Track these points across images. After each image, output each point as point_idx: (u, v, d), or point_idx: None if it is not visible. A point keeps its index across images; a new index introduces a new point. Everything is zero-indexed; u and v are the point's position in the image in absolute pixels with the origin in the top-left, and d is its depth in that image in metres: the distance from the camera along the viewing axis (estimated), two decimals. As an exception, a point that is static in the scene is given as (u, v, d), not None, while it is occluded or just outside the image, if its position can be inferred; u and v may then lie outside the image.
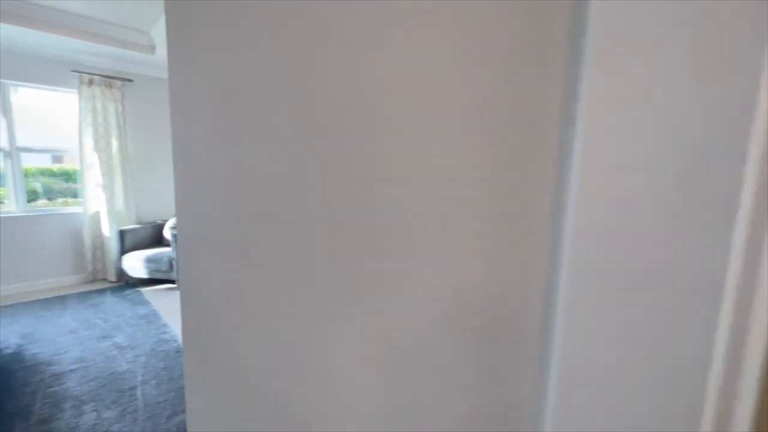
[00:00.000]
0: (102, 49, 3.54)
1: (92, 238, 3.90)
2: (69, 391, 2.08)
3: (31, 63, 3.52)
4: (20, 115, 3.68)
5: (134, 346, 2.60)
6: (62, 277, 3.87)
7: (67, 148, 4.09)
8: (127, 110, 4.05)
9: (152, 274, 3.76)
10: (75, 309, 3.23)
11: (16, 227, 3.60)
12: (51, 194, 5.07)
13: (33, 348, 2.56)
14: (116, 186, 3.94)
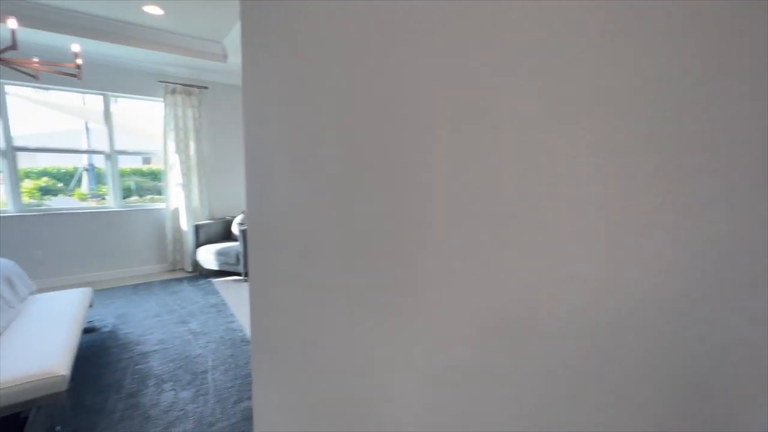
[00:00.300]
0: (182, 60, 3.90)
1: (173, 231, 4.33)
2: (152, 369, 2.32)
3: (126, 76, 4.00)
4: (117, 122, 4.20)
5: (206, 333, 2.83)
6: (148, 266, 4.35)
7: (154, 150, 4.58)
8: (203, 115, 4.43)
9: (222, 266, 4.07)
10: (158, 295, 3.61)
11: (114, 220, 4.12)
12: (141, 192, 5.75)
13: (125, 328, 2.90)
14: (193, 185, 4.33)
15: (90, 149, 5.46)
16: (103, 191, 6.42)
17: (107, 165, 4.11)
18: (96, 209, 4.08)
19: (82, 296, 2.54)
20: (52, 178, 6.43)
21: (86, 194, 6.50)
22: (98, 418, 1.88)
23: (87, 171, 6.70)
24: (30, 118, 3.94)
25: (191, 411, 1.94)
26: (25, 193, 3.91)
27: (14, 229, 3.64)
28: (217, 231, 4.41)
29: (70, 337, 1.96)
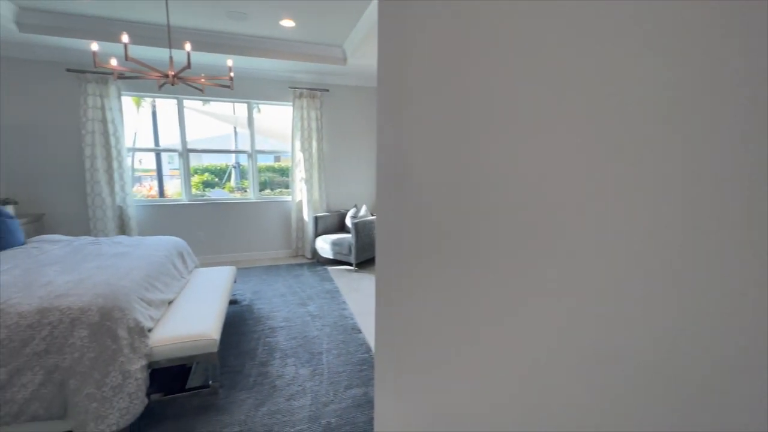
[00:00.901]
0: (308, 66, 4.29)
1: (297, 221, 4.84)
2: (279, 344, 2.60)
3: (264, 85, 4.59)
4: (257, 126, 4.87)
5: (322, 317, 3.06)
6: (276, 251, 4.97)
7: (283, 149, 5.19)
8: (324, 116, 4.81)
9: (336, 255, 4.38)
10: (284, 277, 4.08)
11: (252, 210, 4.81)
12: (272, 185, 6.63)
13: (258, 303, 3.34)
14: (314, 180, 4.76)
15: (237, 150, 6.50)
16: (245, 185, 7.61)
17: (249, 163, 4.80)
18: (240, 200, 4.81)
19: (230, 273, 3.01)
20: (211, 174, 7.92)
21: (234, 187, 7.81)
22: (238, 378, 2.19)
23: (234, 168, 8.06)
24: (197, 125, 4.86)
25: (309, 388, 2.11)
26: (193, 186, 4.85)
27: (185, 214, 4.56)
28: (332, 223, 4.77)
29: (221, 308, 2.33)
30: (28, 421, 1.59)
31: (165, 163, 7.11)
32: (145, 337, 1.85)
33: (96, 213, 4.03)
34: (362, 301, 3.43)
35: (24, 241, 2.71)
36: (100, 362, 1.66)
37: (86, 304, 1.74)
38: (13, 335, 1.59)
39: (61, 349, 1.63)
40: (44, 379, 1.60)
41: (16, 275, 2.01)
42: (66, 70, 3.85)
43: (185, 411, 1.91)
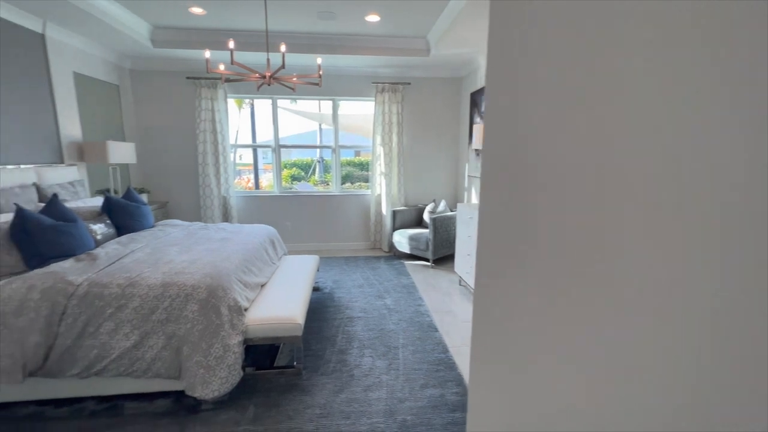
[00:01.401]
0: (391, 60, 4.29)
1: (375, 215, 4.93)
2: (357, 334, 2.67)
3: (348, 82, 4.74)
4: (340, 122, 5.06)
5: (398, 311, 3.06)
6: (355, 243, 5.14)
7: (363, 144, 5.32)
8: (405, 110, 4.79)
9: (413, 250, 4.36)
10: (362, 269, 4.20)
11: (334, 202, 5.04)
12: (352, 179, 6.87)
13: (338, 292, 3.48)
14: (393, 174, 4.79)
15: (321, 145, 6.85)
16: (327, 179, 8.03)
17: (333, 157, 5.02)
18: (323, 193, 5.07)
19: (314, 262, 3.18)
20: (298, 168, 8.54)
21: (318, 181, 8.31)
22: (319, 362, 2.30)
23: (319, 163, 8.57)
24: (287, 123, 5.23)
25: (385, 381, 2.11)
26: (283, 180, 5.25)
27: (276, 205, 4.97)
28: (410, 217, 4.75)
29: (306, 294, 2.47)
30: (153, 377, 1.87)
31: (260, 159, 7.88)
32: (242, 316, 2.04)
33: (205, 202, 4.61)
34: (439, 298, 3.35)
35: (153, 223, 3.21)
36: (206, 334, 1.87)
37: (197, 282, 1.98)
38: (144, 304, 1.88)
39: (177, 319, 1.88)
40: (165, 344, 1.87)
41: (147, 253, 2.38)
42: (186, 78, 4.45)
43: (273, 386, 2.07)
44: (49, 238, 2.16)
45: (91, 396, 1.93)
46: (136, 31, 3.53)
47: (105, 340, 1.82)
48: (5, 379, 1.73)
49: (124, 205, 2.94)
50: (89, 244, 2.40)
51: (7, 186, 2.68)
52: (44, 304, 1.80)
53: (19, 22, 2.96)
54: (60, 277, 1.90)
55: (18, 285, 1.83)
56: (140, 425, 1.78)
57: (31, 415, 1.85)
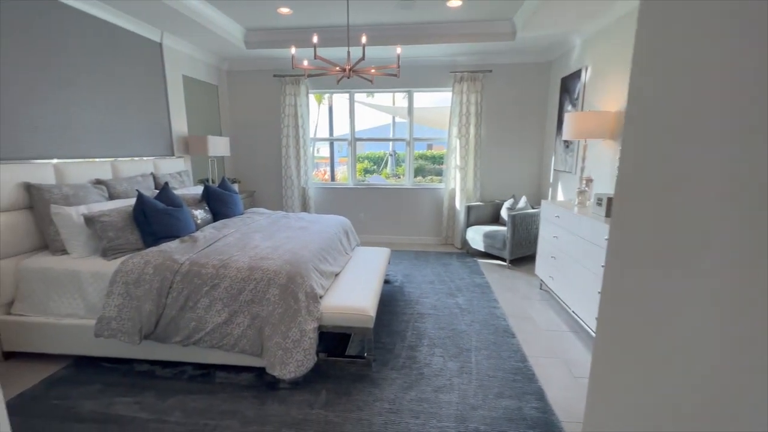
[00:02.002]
0: (471, 47, 4.07)
1: (448, 209, 4.78)
2: (427, 331, 2.61)
3: (425, 72, 4.62)
4: (415, 114, 4.97)
5: (471, 312, 2.92)
6: (426, 237, 5.05)
7: (437, 137, 5.17)
8: (484, 99, 4.53)
9: (488, 248, 4.13)
10: (433, 265, 4.10)
11: (406, 196, 5.00)
12: (423, 173, 6.76)
13: (408, 287, 3.45)
14: (469, 167, 4.57)
15: (395, 138, 6.84)
16: (399, 172, 8.03)
17: (406, 150, 4.98)
18: (396, 186, 5.06)
19: (385, 255, 3.18)
20: (370, 162, 8.71)
21: (389, 174, 8.37)
22: (389, 356, 2.29)
23: (391, 156, 8.62)
24: (362, 117, 5.30)
25: (456, 385, 2.02)
26: (357, 172, 5.37)
27: (350, 197, 5.10)
28: (485, 213, 4.51)
29: (377, 287, 2.47)
30: (239, 352, 2.03)
31: (336, 152, 8.19)
32: (318, 303, 2.10)
33: (287, 192, 4.93)
34: (516, 302, 3.11)
35: (243, 211, 3.51)
36: (285, 318, 1.97)
37: (278, 268, 2.09)
38: (233, 284, 2.04)
39: (260, 301, 2.01)
40: (249, 323, 2.01)
41: (236, 238, 2.59)
42: (273, 75, 4.76)
43: (344, 374, 2.11)
44: (161, 221, 2.47)
45: (190, 362, 2.17)
46: (232, 34, 3.86)
47: (201, 314, 2.03)
48: (127, 339, 2.03)
49: (220, 194, 3.25)
50: (191, 227, 2.70)
51: (132, 175, 3.15)
52: (156, 278, 2.06)
53: (142, 34, 3.42)
54: (168, 255, 2.16)
55: (137, 260, 2.12)
56: (227, 394, 1.94)
57: (145, 371, 2.14)
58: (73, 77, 2.77)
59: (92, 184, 2.67)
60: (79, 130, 2.83)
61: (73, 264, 2.21)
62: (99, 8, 2.93)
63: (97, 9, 2.92)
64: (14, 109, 2.38)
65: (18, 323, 2.20)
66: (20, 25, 2.40)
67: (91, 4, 2.85)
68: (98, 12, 2.94)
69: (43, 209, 2.31)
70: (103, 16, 2.99)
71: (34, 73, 2.50)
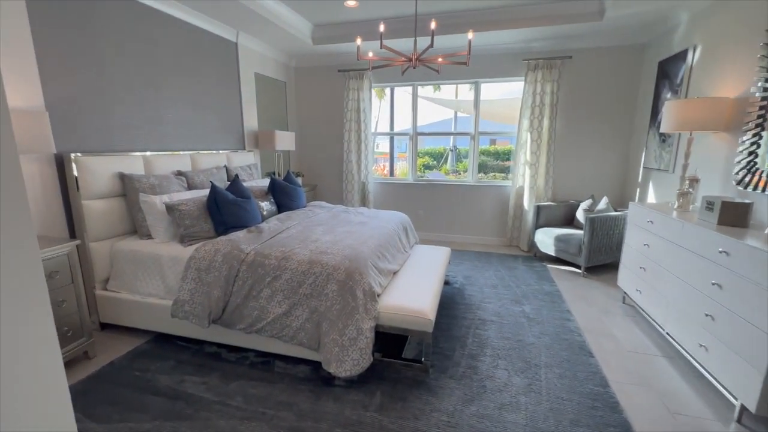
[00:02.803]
0: (548, 31, 3.69)
1: (514, 208, 4.45)
2: (489, 339, 2.41)
3: (494, 61, 4.32)
4: (481, 108, 4.69)
5: (540, 322, 2.65)
6: (489, 237, 4.76)
7: (503, 131, 4.83)
8: (561, 89, 4.11)
9: (559, 253, 3.75)
10: (496, 267, 3.84)
11: (469, 193, 4.75)
12: (485, 169, 6.40)
13: (469, 289, 3.25)
14: (540, 164, 4.19)
15: (458, 132, 6.57)
16: (459, 168, 7.73)
17: (471, 145, 4.72)
18: (458, 182, 4.83)
19: (445, 254, 3.03)
20: (430, 157, 8.50)
21: (449, 170, 8.10)
22: (447, 363, 2.15)
23: (452, 152, 8.33)
24: (423, 112, 5.13)
25: (523, 404, 1.82)
26: (417, 168, 5.24)
27: (409, 192, 4.99)
28: (557, 214, 4.11)
29: (437, 288, 2.33)
30: (297, 345, 2.04)
31: (395, 147, 8.12)
32: (375, 302, 2.04)
33: (347, 186, 4.97)
34: (593, 315, 2.77)
35: (305, 204, 3.59)
36: (343, 314, 1.93)
37: (337, 263, 2.05)
38: (294, 277, 2.05)
39: (319, 296, 2.00)
40: (308, 317, 2.01)
41: (298, 230, 2.63)
42: (337, 71, 4.81)
43: (400, 378, 2.02)
44: (231, 211, 2.59)
45: (253, 349, 2.24)
46: (300, 31, 3.95)
47: (263, 304, 2.07)
48: (198, 321, 2.15)
49: (284, 187, 3.35)
50: (257, 219, 2.80)
51: (208, 167, 3.37)
52: (224, 266, 2.15)
53: (221, 34, 3.63)
54: (236, 245, 2.25)
55: (209, 248, 2.24)
56: (284, 384, 1.96)
57: (213, 353, 2.26)
58: (161, 78, 3.02)
59: (174, 175, 2.89)
60: (165, 125, 3.08)
61: (156, 248, 2.40)
62: (184, 11, 3.15)
63: (182, 12, 3.14)
64: (112, 108, 2.65)
65: (111, 298, 2.46)
66: (117, 30, 2.65)
67: (177, 8, 3.08)
68: (183, 15, 3.17)
69: (134, 197, 2.54)
70: (187, 19, 3.21)
71: (130, 75, 2.76)
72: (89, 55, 2.46)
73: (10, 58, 2.04)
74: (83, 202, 2.36)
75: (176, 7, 3.06)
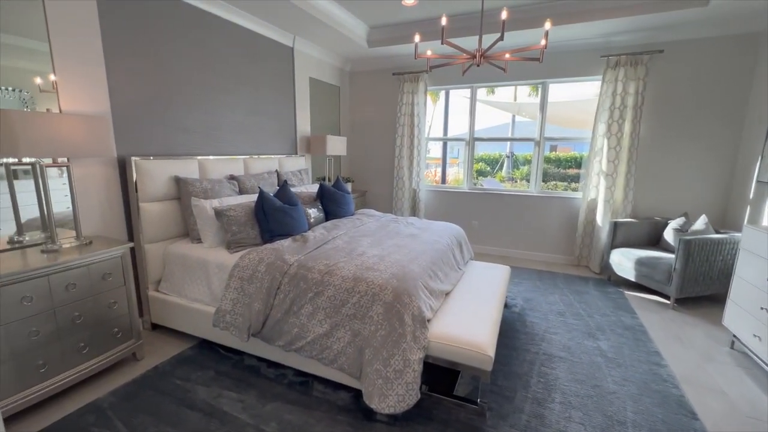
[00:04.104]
0: (636, 22, 3.20)
1: (584, 224, 3.94)
2: (558, 381, 2.05)
3: (566, 59, 3.87)
4: (547, 111, 4.24)
5: (620, 364, 2.21)
6: (552, 255, 4.27)
7: (572, 136, 4.33)
8: (648, 88, 3.56)
9: (641, 279, 3.21)
10: (561, 290, 3.39)
11: (530, 204, 4.31)
12: (545, 177, 5.83)
13: (530, 315, 2.87)
14: (620, 174, 3.66)
15: (519, 137, 6.09)
16: (516, 175, 7.19)
17: (535, 151, 4.29)
18: (518, 192, 4.41)
19: (505, 275, 2.69)
20: (484, 163, 8.04)
21: (504, 177, 7.57)
22: (508, 408, 1.83)
23: (508, 158, 7.80)
24: (479, 116, 4.79)
25: (607, 475, 1.46)
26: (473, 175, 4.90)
27: (463, 201, 4.67)
28: (639, 233, 3.54)
29: (496, 316, 2.02)
30: (337, 369, 1.86)
31: (447, 153, 7.79)
32: (425, 329, 1.79)
33: (397, 194, 4.77)
34: (692, 361, 2.26)
35: (353, 211, 3.45)
36: (388, 342, 1.71)
37: (384, 282, 1.84)
38: (337, 294, 1.88)
39: (363, 318, 1.80)
40: (350, 340, 1.82)
41: (345, 241, 2.47)
42: (392, 74, 4.65)
43: (450, 419, 1.75)
44: (277, 218, 2.50)
45: (292, 367, 2.10)
46: (356, 33, 3.84)
47: (304, 321, 1.92)
48: (237, 334, 2.07)
49: (333, 193, 3.23)
50: (304, 226, 2.69)
51: (260, 171, 3.36)
52: (267, 277, 2.04)
53: (278, 39, 3.64)
54: (280, 254, 2.13)
55: (253, 256, 2.15)
56: (322, 412, 1.79)
57: (252, 367, 2.17)
58: (219, 83, 3.06)
59: (227, 180, 2.89)
60: (221, 130, 3.12)
61: (204, 253, 2.38)
62: (242, 17, 3.18)
63: (241, 18, 3.17)
64: (171, 112, 2.70)
65: (162, 300, 2.48)
66: (178, 37, 2.71)
67: (236, 13, 3.11)
68: (242, 20, 3.19)
69: (187, 200, 2.56)
70: (245, 25, 3.24)
71: (188, 80, 2.81)
72: (151, 61, 2.53)
73: (84, 67, 2.12)
74: (141, 204, 2.41)
75: (235, 12, 3.09)
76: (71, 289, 1.83)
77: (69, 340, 1.85)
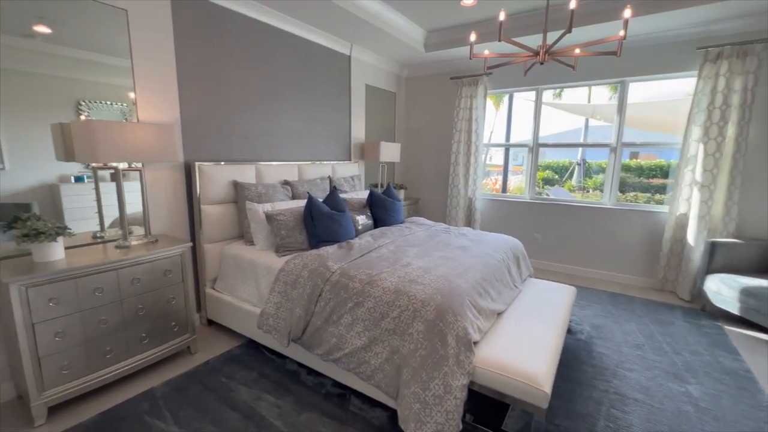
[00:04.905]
0: (742, 5, 2.68)
1: (671, 242, 3.39)
2: (632, 429, 1.72)
3: (651, 53, 3.40)
4: (627, 113, 3.75)
5: (718, 417, 1.81)
6: (630, 276, 3.75)
7: (656, 141, 3.77)
8: (761, 83, 2.96)
9: (746, 312, 2.65)
10: (640, 317, 2.93)
11: (603, 217, 3.84)
12: (624, 188, 5.16)
13: (600, 345, 2.51)
14: (719, 185, 3.09)
15: (593, 143, 5.53)
16: (587, 184, 6.52)
17: (611, 158, 3.82)
18: (589, 204, 3.96)
19: (569, 296, 2.39)
20: (552, 171, 7.43)
21: (574, 186, 6.91)
22: (566, 453, 1.58)
23: (579, 165, 7.12)
24: (546, 121, 4.40)
25: None
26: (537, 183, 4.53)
27: (525, 212, 4.32)
28: (745, 256, 2.94)
29: (555, 345, 1.78)
30: (374, 386, 1.76)
31: (510, 160, 7.34)
32: (471, 353, 1.62)
33: (451, 202, 4.58)
34: (823, 426, 1.77)
35: (403, 219, 3.35)
36: (428, 363, 1.58)
37: (427, 297, 1.71)
38: (377, 306, 1.79)
39: (402, 334, 1.69)
40: (388, 357, 1.71)
41: (390, 250, 2.38)
42: (449, 78, 4.50)
43: (497, 458, 1.55)
44: (325, 224, 2.50)
45: (331, 377, 2.05)
46: (413, 38, 3.78)
47: (342, 331, 1.86)
48: (279, 338, 2.08)
49: (382, 200, 3.17)
50: (351, 233, 2.66)
51: (312, 177, 3.43)
52: (309, 283, 2.02)
53: (334, 48, 3.71)
54: (323, 261, 2.11)
55: (297, 261, 2.16)
56: (356, 429, 1.70)
57: (292, 372, 2.16)
58: (277, 91, 3.19)
59: (281, 185, 2.99)
60: (278, 137, 3.24)
61: (255, 255, 2.45)
62: (301, 28, 3.28)
63: (298, 29, 3.28)
64: (232, 120, 2.86)
65: (217, 298, 2.61)
66: (242, 48, 2.87)
67: (294, 24, 3.22)
68: (300, 31, 3.30)
69: (243, 204, 2.67)
70: (303, 35, 3.35)
71: (249, 89, 2.96)
72: (216, 71, 2.71)
73: (159, 78, 2.33)
74: (202, 206, 2.57)
75: (294, 24, 3.20)
76: (136, 283, 1.99)
77: (132, 330, 2.00)
